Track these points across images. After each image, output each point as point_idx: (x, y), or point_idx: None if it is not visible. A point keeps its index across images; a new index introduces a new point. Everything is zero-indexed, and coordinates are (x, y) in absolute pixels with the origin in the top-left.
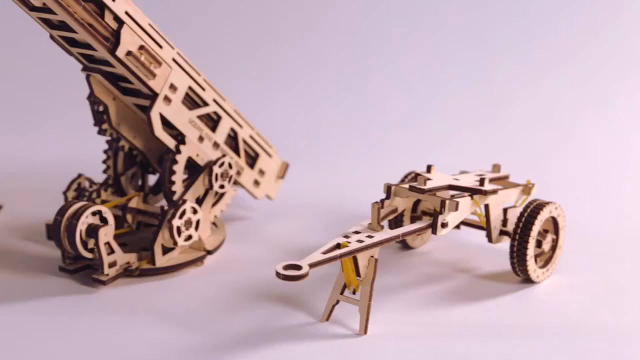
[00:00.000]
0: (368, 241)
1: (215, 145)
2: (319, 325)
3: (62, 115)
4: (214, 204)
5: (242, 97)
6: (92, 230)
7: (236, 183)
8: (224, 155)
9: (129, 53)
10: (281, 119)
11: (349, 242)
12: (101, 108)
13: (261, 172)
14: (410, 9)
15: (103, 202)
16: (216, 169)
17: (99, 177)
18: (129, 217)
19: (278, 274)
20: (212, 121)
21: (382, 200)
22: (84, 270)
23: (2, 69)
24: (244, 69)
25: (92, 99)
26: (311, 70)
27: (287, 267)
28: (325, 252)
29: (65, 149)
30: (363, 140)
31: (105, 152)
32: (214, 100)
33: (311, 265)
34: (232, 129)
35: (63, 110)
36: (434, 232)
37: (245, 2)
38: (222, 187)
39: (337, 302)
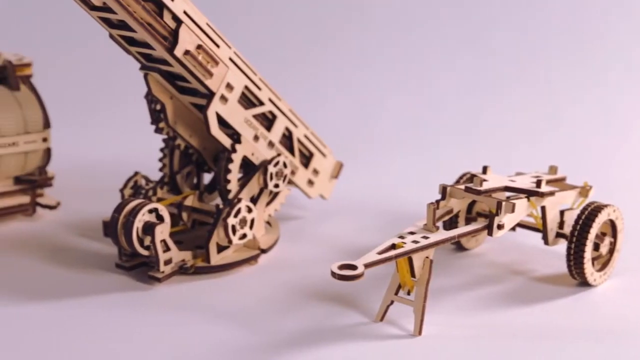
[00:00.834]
0: (423, 242)
1: (270, 144)
2: (373, 326)
3: (119, 114)
4: (268, 203)
5: (297, 96)
6: (149, 228)
7: (290, 182)
8: (278, 155)
9: (186, 52)
10: (335, 118)
11: (405, 243)
12: (158, 107)
13: (315, 172)
14: (464, 7)
15: (159, 200)
16: (271, 168)
17: (155, 175)
18: (184, 215)
19: (333, 274)
20: (268, 120)
21: (438, 201)
22: (139, 267)
23: (61, 68)
24: (299, 68)
25: (150, 98)
26: (365, 70)
27: (342, 267)
28: (380, 253)
29: (122, 147)
30: (416, 140)
31: (162, 150)
32: (270, 100)
33: (366, 266)
34: (287, 129)
35: (120, 108)
36: (490, 233)
37: (298, 1)
38: (276, 186)
39: (392, 302)
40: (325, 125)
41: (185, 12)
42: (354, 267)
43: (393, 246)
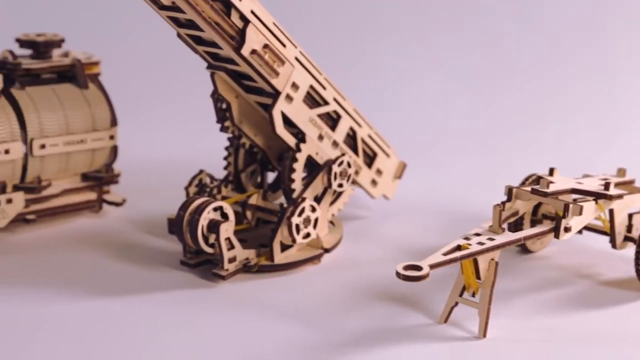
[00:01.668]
0: (489, 244)
1: (335, 144)
2: (437, 327)
3: (185, 112)
4: (331, 203)
5: (361, 95)
6: (214, 226)
7: (354, 182)
8: (343, 154)
9: (253, 51)
10: (399, 118)
11: (470, 244)
12: (224, 105)
13: (379, 172)
14: (525, 9)
15: (223, 198)
16: (335, 168)
17: (220, 174)
18: (248, 214)
19: (398, 274)
20: (332, 120)
21: (504, 203)
22: (204, 264)
23: (129, 66)
24: (363, 67)
25: (216, 97)
26: (429, 69)
27: (407, 268)
28: (445, 254)
29: (187, 145)
30: (481, 140)
31: (226, 149)
32: (334, 99)
33: (432, 266)
34: (352, 128)
35: (186, 107)
36: (557, 236)
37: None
38: (340, 185)
39: (456, 304)
40: (389, 125)
41: (252, 12)
42: (419, 268)
43: (458, 247)
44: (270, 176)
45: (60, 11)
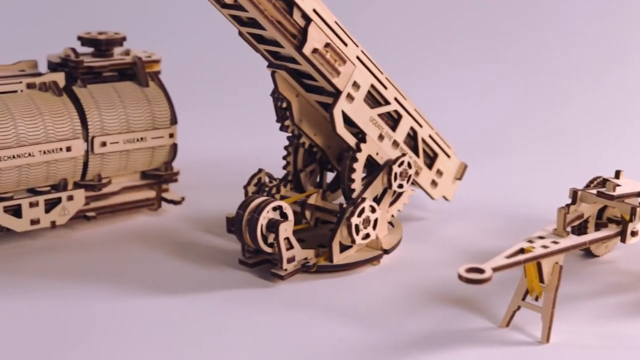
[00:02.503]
0: (553, 247)
1: (395, 144)
2: (498, 331)
3: (244, 111)
4: (391, 203)
5: (421, 95)
6: (273, 225)
7: (414, 183)
8: (403, 155)
9: (315, 50)
10: (459, 118)
11: (534, 248)
12: (284, 104)
13: (439, 173)
14: (593, 9)
15: (282, 198)
16: (395, 168)
17: (278, 173)
18: (307, 214)
19: (460, 277)
20: (393, 120)
21: (568, 206)
22: (262, 264)
23: (189, 65)
24: (423, 66)
25: (276, 96)
26: (489, 69)
27: (469, 270)
28: (508, 257)
29: (246, 144)
30: (542, 142)
31: (286, 148)
32: (395, 99)
33: (495, 269)
34: (412, 128)
35: (246, 106)
36: (623, 240)
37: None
38: (400, 186)
39: (518, 307)
40: (450, 125)
41: (314, 10)
42: (481, 271)
43: (522, 250)
44: (329, 176)
45: (122, 9)
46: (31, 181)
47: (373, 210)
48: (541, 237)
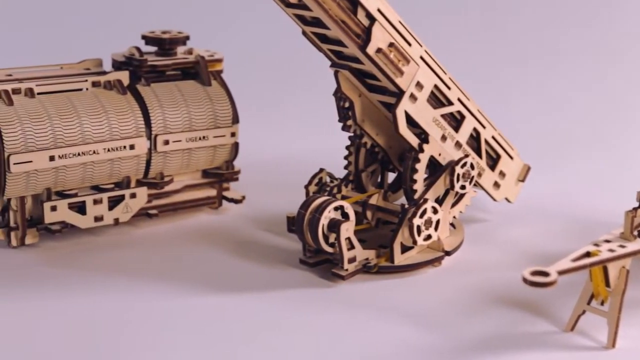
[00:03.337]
0: (620, 251)
1: (458, 145)
2: (563, 335)
3: (306, 110)
4: (453, 205)
5: (484, 95)
6: (334, 225)
7: (476, 184)
8: (466, 156)
9: (378, 50)
10: (523, 119)
11: (600, 251)
12: (346, 104)
13: (502, 174)
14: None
15: (343, 198)
16: (458, 169)
17: (339, 173)
18: (368, 214)
19: (525, 280)
20: (455, 120)
21: (635, 209)
22: (323, 264)
23: (251, 64)
24: (486, 66)
25: (339, 95)
26: (553, 68)
27: (534, 273)
28: (574, 260)
29: (307, 144)
30: (608, 143)
31: (347, 148)
32: (459, 100)
33: (560, 273)
34: (475, 129)
35: (307, 105)
36: None
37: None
38: (463, 187)
39: (583, 312)
40: (512, 126)
41: (379, 10)
42: (546, 274)
43: (587, 254)
44: (391, 176)
45: (186, 9)
46: (95, 178)
47: (435, 211)
48: (607, 241)
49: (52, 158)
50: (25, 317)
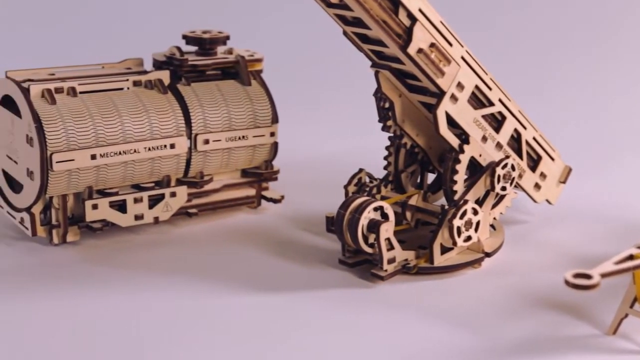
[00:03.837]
0: None
1: (499, 146)
2: (605, 339)
3: (345, 111)
4: (493, 206)
5: (524, 96)
6: (374, 226)
7: (517, 186)
8: (507, 157)
9: (419, 50)
10: (564, 120)
11: None
12: (387, 104)
13: (542, 176)
14: None
15: (383, 198)
16: (499, 170)
17: (378, 173)
18: (407, 215)
19: (567, 282)
20: (496, 121)
21: None
22: (362, 264)
23: (291, 64)
24: (526, 67)
25: (379, 95)
26: (595, 69)
27: (576, 276)
28: (617, 263)
29: (346, 144)
30: None
31: (387, 148)
32: (500, 100)
33: (603, 275)
34: (516, 130)
35: (347, 105)
36: None
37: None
38: (503, 189)
39: (626, 315)
40: (554, 128)
41: (420, 10)
42: (589, 277)
43: (631, 257)
44: (430, 177)
45: (226, 9)
46: (136, 177)
47: (475, 212)
48: None
49: (93, 157)
50: (65, 314)
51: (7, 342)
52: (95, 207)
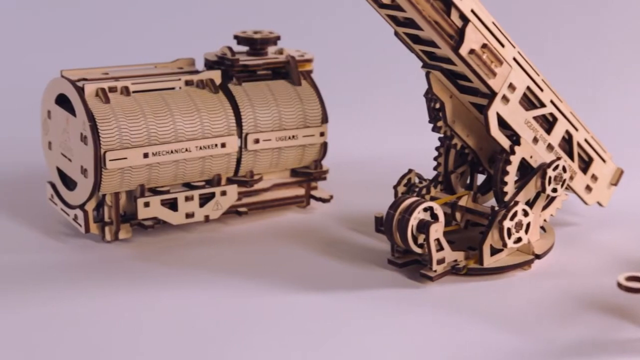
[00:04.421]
0: None
1: (550, 147)
2: None
3: (394, 111)
4: (544, 208)
5: (576, 97)
6: (423, 226)
7: (567, 188)
8: (558, 158)
9: (471, 51)
10: (616, 121)
11: None
12: (437, 105)
13: (594, 178)
14: None
15: (432, 199)
16: (550, 172)
17: (427, 174)
18: (457, 215)
19: (620, 285)
20: (548, 122)
21: None
22: (412, 264)
23: (341, 64)
24: (579, 68)
25: (430, 96)
26: None
27: (629, 279)
28: None
29: (396, 144)
30: None
31: (437, 149)
32: (551, 102)
33: None
34: (567, 132)
35: (396, 105)
36: None
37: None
38: (554, 190)
39: None
40: (605, 129)
41: (472, 11)
42: None
43: None
44: (480, 178)
45: (276, 9)
46: (187, 176)
47: (526, 214)
48: None
49: (146, 155)
50: (116, 311)
51: (61, 338)
52: (147, 205)
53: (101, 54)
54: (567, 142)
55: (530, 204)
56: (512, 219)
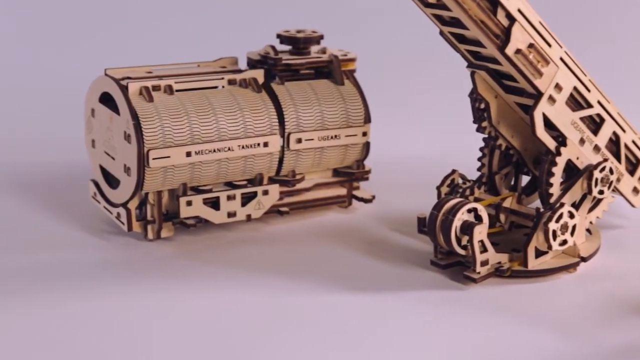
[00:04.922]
0: None
1: (596, 148)
2: None
3: (437, 111)
4: (590, 210)
5: (623, 97)
6: (467, 227)
7: (614, 190)
8: (605, 160)
9: (518, 51)
10: None
11: None
12: (482, 105)
13: None
14: None
15: (476, 200)
16: (597, 174)
17: (471, 174)
18: (501, 217)
19: None
20: (594, 123)
21: None
22: (455, 266)
23: (385, 63)
24: (624, 67)
25: (474, 96)
26: None
27: None
28: None
29: (439, 145)
30: None
31: (481, 149)
32: (599, 102)
33: None
34: (615, 133)
35: (439, 105)
36: None
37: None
38: (601, 192)
39: None
40: None
41: (519, 10)
42: None
43: None
44: (524, 179)
45: (320, 8)
46: (229, 175)
47: (571, 216)
48: None
49: (188, 154)
50: (158, 308)
51: (104, 335)
52: (189, 203)
53: (145, 53)
54: (614, 144)
55: (576, 206)
56: (557, 221)
